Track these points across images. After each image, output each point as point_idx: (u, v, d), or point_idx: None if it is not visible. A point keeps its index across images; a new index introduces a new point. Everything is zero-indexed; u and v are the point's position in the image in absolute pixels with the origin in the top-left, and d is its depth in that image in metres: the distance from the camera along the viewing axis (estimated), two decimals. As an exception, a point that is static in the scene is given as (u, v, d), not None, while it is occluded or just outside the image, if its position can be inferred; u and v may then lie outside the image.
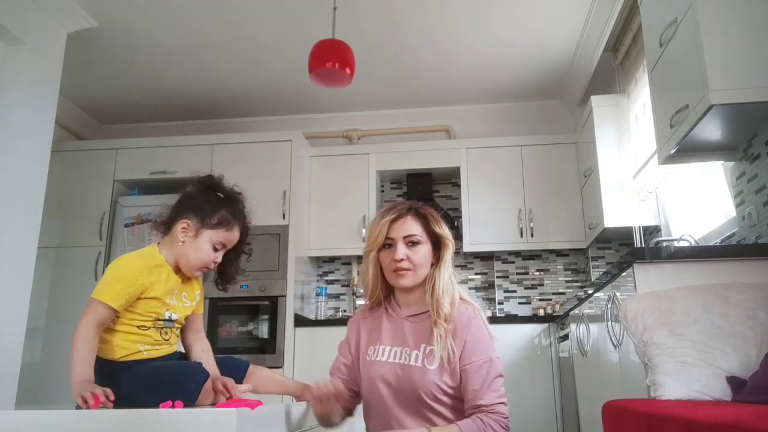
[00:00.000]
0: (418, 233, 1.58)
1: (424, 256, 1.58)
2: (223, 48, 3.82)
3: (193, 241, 1.55)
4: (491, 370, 1.48)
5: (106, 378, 1.50)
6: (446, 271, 1.59)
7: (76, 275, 4.04)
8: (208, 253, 1.56)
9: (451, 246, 1.62)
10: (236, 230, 1.61)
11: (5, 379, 2.83)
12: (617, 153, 3.63)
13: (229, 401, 1.43)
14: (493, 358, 1.51)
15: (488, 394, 1.46)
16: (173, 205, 1.62)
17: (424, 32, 3.67)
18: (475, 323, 1.54)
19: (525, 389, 3.58)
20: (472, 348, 1.50)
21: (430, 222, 1.61)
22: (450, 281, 1.59)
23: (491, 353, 1.51)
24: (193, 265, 1.56)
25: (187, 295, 1.61)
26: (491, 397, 1.46)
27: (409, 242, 1.57)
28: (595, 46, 3.69)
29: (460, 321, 1.54)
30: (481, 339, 1.52)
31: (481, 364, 1.49)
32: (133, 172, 4.30)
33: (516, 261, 4.42)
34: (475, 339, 1.52)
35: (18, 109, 3.03)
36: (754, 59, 1.98)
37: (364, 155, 4.38)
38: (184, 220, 1.56)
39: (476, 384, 1.47)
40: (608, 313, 2.29)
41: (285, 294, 3.87)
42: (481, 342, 1.52)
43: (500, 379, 1.50)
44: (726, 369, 1.56)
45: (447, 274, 1.59)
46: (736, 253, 2.00)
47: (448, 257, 1.61)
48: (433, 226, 1.60)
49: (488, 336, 1.55)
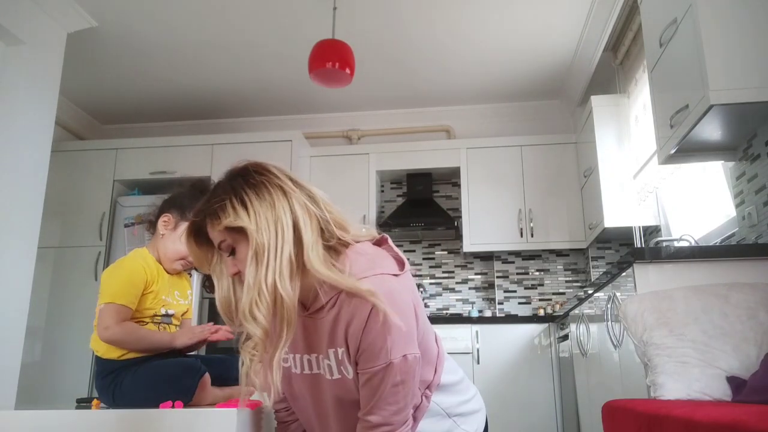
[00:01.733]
0: (221, 239, 1.13)
1: (245, 260, 1.10)
2: (224, 48, 3.82)
3: (172, 234, 1.60)
4: (388, 377, 1.07)
5: (107, 377, 1.51)
6: (258, 268, 1.06)
7: (76, 275, 4.04)
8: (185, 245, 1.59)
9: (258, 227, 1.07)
10: None
11: (5, 379, 2.83)
12: (617, 153, 3.63)
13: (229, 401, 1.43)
14: (395, 361, 1.06)
15: (380, 410, 1.09)
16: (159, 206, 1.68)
17: (424, 32, 3.67)
18: (373, 315, 1.05)
19: (525, 389, 3.58)
20: (367, 352, 1.08)
21: (213, 221, 1.12)
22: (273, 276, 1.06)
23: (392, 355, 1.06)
24: (171, 256, 1.60)
25: (180, 293, 1.65)
26: (384, 414, 1.09)
27: (226, 252, 1.14)
28: (595, 46, 3.69)
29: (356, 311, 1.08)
30: (381, 338, 1.06)
31: (376, 372, 1.07)
32: (133, 172, 4.30)
33: (516, 261, 4.42)
34: (372, 339, 1.07)
35: (18, 109, 3.03)
36: (754, 59, 1.98)
37: (364, 155, 4.38)
38: (166, 215, 1.62)
39: (367, 393, 1.10)
40: (608, 313, 2.29)
41: (285, 294, 3.86)
42: (381, 341, 1.06)
43: (402, 387, 1.08)
44: (726, 369, 1.56)
45: (260, 272, 1.06)
46: (736, 253, 2.00)
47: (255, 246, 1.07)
48: (218, 225, 1.10)
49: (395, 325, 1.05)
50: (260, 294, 1.05)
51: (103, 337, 1.46)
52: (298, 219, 1.10)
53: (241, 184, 1.12)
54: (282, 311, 1.06)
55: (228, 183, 1.14)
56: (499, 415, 3.50)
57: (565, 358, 3.40)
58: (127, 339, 1.48)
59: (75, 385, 3.77)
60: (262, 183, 1.11)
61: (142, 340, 1.51)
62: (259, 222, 1.08)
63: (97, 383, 1.55)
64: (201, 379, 1.44)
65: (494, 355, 3.69)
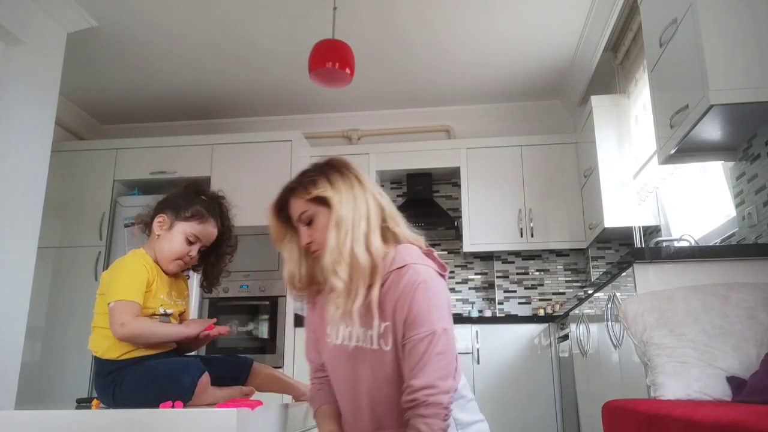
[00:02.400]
0: (303, 210, 1.39)
1: (323, 229, 1.35)
2: (223, 48, 3.82)
3: (167, 233, 1.60)
4: (432, 345, 1.22)
5: (106, 378, 1.51)
6: (338, 234, 1.30)
7: (76, 275, 4.04)
8: (181, 245, 1.60)
9: (341, 201, 1.34)
10: (210, 224, 1.64)
11: (5, 379, 2.83)
12: (617, 153, 3.63)
13: (229, 401, 1.43)
14: (437, 331, 1.23)
15: (426, 375, 1.21)
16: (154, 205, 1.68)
17: (424, 32, 3.67)
18: (422, 288, 1.26)
19: (525, 389, 3.58)
20: (415, 318, 1.24)
21: (301, 193, 1.39)
22: (350, 241, 1.30)
23: (436, 325, 1.24)
24: (167, 256, 1.60)
25: (177, 294, 1.65)
26: (429, 378, 1.20)
27: (304, 223, 1.39)
28: (595, 46, 3.69)
29: (409, 284, 1.27)
30: (427, 307, 1.25)
31: (422, 338, 1.23)
32: (133, 172, 4.30)
33: (516, 261, 4.42)
34: (420, 306, 1.25)
35: (18, 109, 3.03)
36: (754, 59, 1.98)
37: (364, 155, 4.38)
38: (161, 215, 1.62)
39: (412, 363, 1.23)
40: (608, 313, 2.29)
41: (285, 294, 3.86)
42: (427, 311, 1.25)
43: (444, 357, 1.23)
44: (726, 369, 1.56)
45: (340, 236, 1.30)
46: (736, 253, 2.00)
47: (336, 217, 1.32)
48: (306, 194, 1.38)
49: (439, 304, 1.27)
50: (340, 255, 1.29)
51: (119, 334, 1.45)
52: (369, 204, 1.36)
53: (328, 168, 1.41)
54: (357, 271, 1.29)
55: (317, 167, 1.43)
56: (499, 415, 3.50)
57: (565, 358, 3.40)
58: (145, 332, 1.48)
59: (75, 385, 3.77)
60: (345, 172, 1.40)
61: (158, 332, 1.52)
62: (341, 197, 1.34)
63: (96, 383, 1.55)
64: (201, 379, 1.44)
65: (494, 355, 3.69)
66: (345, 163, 1.43)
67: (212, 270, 1.71)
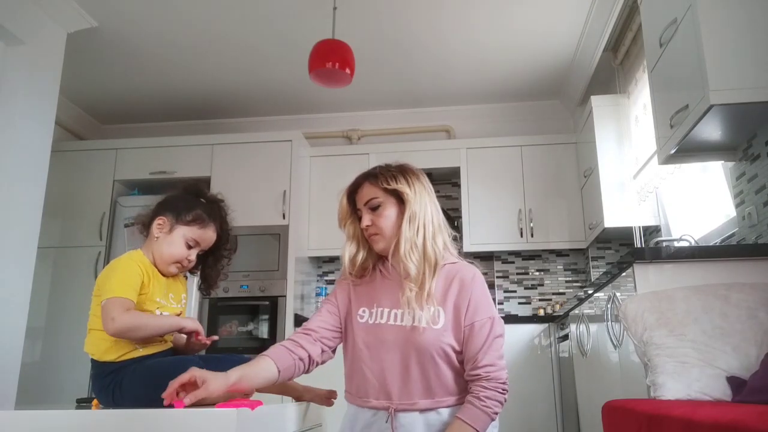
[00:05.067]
0: (375, 196, 1.57)
1: (388, 217, 1.55)
2: (224, 48, 3.82)
3: (167, 237, 1.59)
4: (492, 330, 1.48)
5: (105, 379, 1.50)
6: (410, 228, 1.52)
7: (76, 275, 4.04)
8: (180, 249, 1.59)
9: (415, 199, 1.54)
10: (211, 229, 1.64)
11: (5, 379, 2.83)
12: (617, 153, 3.63)
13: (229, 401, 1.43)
14: (495, 317, 1.50)
15: (488, 355, 1.46)
16: (152, 209, 1.66)
17: (424, 32, 3.67)
18: (478, 280, 1.54)
19: (525, 389, 3.58)
20: (476, 306, 1.50)
21: (380, 181, 1.57)
22: (423, 237, 1.52)
23: (493, 313, 1.51)
24: (166, 259, 1.59)
25: (174, 296, 1.63)
26: (490, 357, 1.45)
27: (370, 208, 1.57)
28: (595, 46, 3.69)
29: (466, 277, 1.53)
30: (485, 297, 1.52)
31: (484, 323, 1.48)
32: (133, 172, 4.30)
33: (516, 261, 4.42)
34: (479, 297, 1.51)
35: (18, 109, 3.03)
36: (754, 59, 1.98)
37: (364, 155, 4.38)
38: (161, 217, 1.61)
39: (477, 344, 1.46)
40: (608, 313, 2.29)
41: (285, 294, 3.87)
42: (485, 300, 1.52)
43: (500, 340, 1.49)
44: (726, 369, 1.56)
45: (412, 230, 1.52)
46: (736, 253, 2.00)
47: (410, 212, 1.53)
48: (385, 183, 1.56)
49: (489, 295, 1.55)
50: (414, 246, 1.51)
51: (111, 329, 1.43)
52: (434, 210, 1.59)
53: (408, 170, 1.61)
54: (427, 262, 1.51)
55: (398, 166, 1.62)
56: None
57: (565, 358, 3.40)
58: (137, 324, 1.46)
59: (75, 385, 3.77)
60: (421, 178, 1.61)
61: (150, 324, 1.49)
62: (416, 197, 1.55)
63: (95, 385, 1.54)
64: None
65: (494, 355, 3.68)
66: (421, 171, 1.64)
67: (210, 273, 1.71)
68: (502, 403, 1.45)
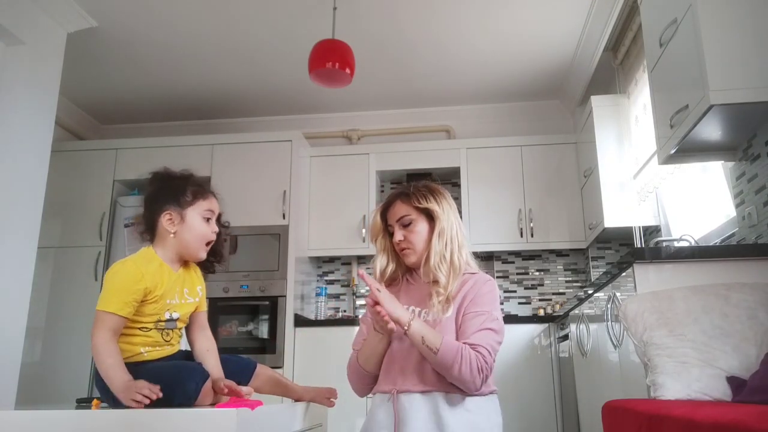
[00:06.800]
0: (407, 214, 1.70)
1: (419, 233, 1.69)
2: (224, 48, 3.82)
3: (184, 225, 1.57)
4: (489, 321, 1.56)
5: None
6: (440, 242, 1.66)
7: (76, 275, 4.04)
8: (202, 227, 1.59)
9: (444, 216, 1.69)
10: (210, 194, 1.64)
11: (5, 379, 2.83)
12: (617, 153, 3.63)
13: (230, 401, 1.43)
14: (496, 316, 1.59)
15: (478, 336, 1.54)
16: (144, 212, 1.63)
17: (424, 32, 3.67)
18: (490, 284, 1.66)
19: (525, 389, 3.58)
20: (479, 300, 1.60)
21: (412, 200, 1.71)
22: (450, 250, 1.66)
23: (495, 311, 1.60)
24: (196, 246, 1.58)
25: (189, 291, 1.60)
26: (479, 338, 1.53)
27: (402, 224, 1.70)
28: (595, 46, 3.69)
29: (480, 280, 1.66)
30: (490, 296, 1.62)
31: (481, 314, 1.58)
32: (133, 172, 4.29)
33: (516, 261, 4.42)
34: (485, 294, 1.62)
35: (18, 109, 3.03)
36: (754, 59, 1.98)
37: (364, 155, 4.38)
38: (166, 213, 1.57)
39: (470, 328, 1.56)
40: (608, 313, 2.29)
41: (285, 294, 3.87)
42: (490, 298, 1.62)
43: (495, 335, 1.56)
44: (726, 369, 1.56)
45: (441, 244, 1.66)
46: (736, 253, 2.00)
47: (440, 228, 1.67)
48: (417, 202, 1.70)
49: (497, 299, 1.64)
50: (443, 258, 1.65)
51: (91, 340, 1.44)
52: (459, 227, 1.72)
53: (436, 190, 1.75)
54: (453, 272, 1.65)
55: (426, 186, 1.76)
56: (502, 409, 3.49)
57: (565, 358, 3.40)
58: (98, 358, 1.42)
59: (75, 385, 3.77)
60: (448, 198, 1.76)
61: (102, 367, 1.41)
62: (444, 213, 1.69)
63: (98, 383, 1.53)
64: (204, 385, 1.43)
65: (494, 355, 3.68)
66: (445, 189, 1.79)
67: (216, 247, 1.67)
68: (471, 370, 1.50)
